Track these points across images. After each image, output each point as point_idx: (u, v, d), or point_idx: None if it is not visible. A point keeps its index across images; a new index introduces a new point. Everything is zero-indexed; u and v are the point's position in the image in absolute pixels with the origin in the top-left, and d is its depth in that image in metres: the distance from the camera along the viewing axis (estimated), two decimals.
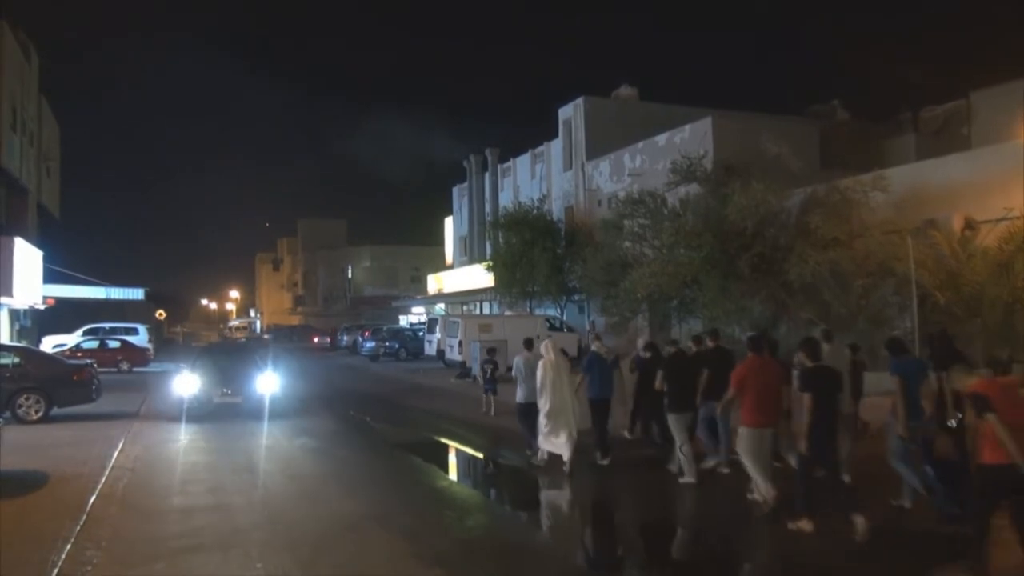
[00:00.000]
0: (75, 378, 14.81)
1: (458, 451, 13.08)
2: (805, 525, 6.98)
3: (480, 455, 12.70)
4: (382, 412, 17.31)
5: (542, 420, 10.21)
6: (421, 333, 33.82)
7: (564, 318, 30.08)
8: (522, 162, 38.84)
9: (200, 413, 14.86)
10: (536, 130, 68.55)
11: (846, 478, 8.29)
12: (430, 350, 29.88)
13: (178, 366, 17.01)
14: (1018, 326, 16.18)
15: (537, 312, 29.70)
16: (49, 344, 29.81)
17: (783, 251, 18.17)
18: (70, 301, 37.08)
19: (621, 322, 22.78)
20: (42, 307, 33.10)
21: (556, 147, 35.20)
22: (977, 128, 26.29)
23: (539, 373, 10.27)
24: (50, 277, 34.03)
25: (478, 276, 37.07)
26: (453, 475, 11.20)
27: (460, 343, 24.84)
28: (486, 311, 37.35)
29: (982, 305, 15.93)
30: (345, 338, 45.17)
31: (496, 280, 31.83)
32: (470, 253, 43.58)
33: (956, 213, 17.31)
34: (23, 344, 22.40)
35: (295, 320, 76.19)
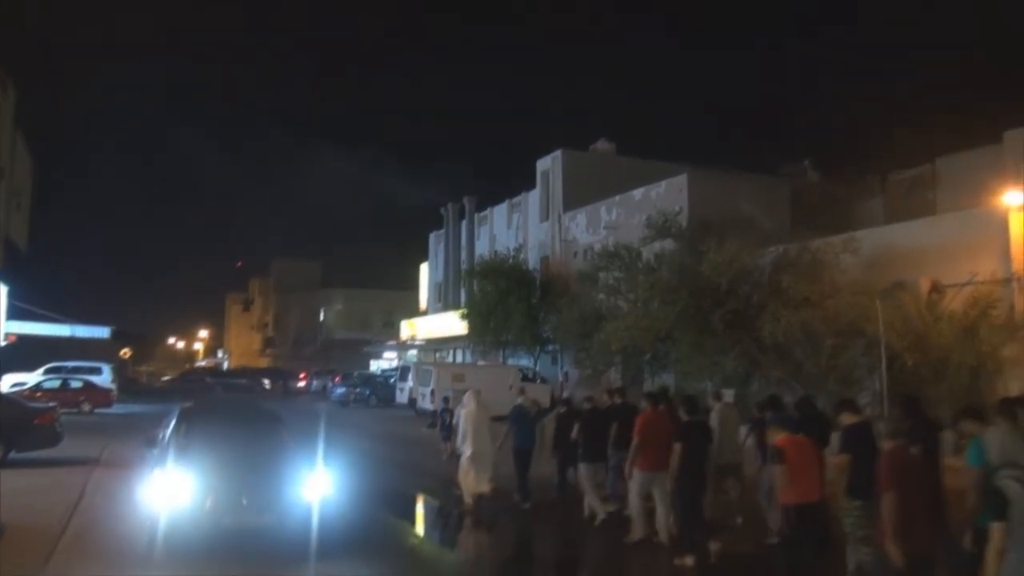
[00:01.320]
0: (36, 422, 14.38)
1: (409, 500, 13.18)
2: (688, 561, 7.97)
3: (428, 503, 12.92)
4: (348, 460, 17.00)
5: (463, 464, 11.10)
6: (392, 380, 33.52)
7: (537, 369, 30.05)
8: (499, 211, 39.17)
9: (197, 545, 7.94)
10: (514, 180, 69.37)
11: (738, 519, 9.88)
12: (401, 397, 29.62)
13: (149, 449, 10.10)
14: (983, 390, 16.49)
15: (510, 362, 29.65)
16: (8, 383, 29.03)
17: (756, 309, 18.44)
18: (33, 339, 36.24)
19: (594, 374, 22.84)
20: (2, 343, 32.36)
21: (533, 198, 35.60)
22: (943, 193, 27.06)
23: (460, 423, 11.31)
24: (13, 313, 33.31)
25: (452, 323, 37.01)
26: (396, 520, 11.54)
27: (432, 392, 24.66)
28: (459, 359, 37.22)
29: (948, 368, 16.24)
30: (315, 382, 44.60)
31: (470, 328, 31.81)
32: (445, 300, 43.56)
33: (923, 276, 17.75)
34: None
35: (264, 362, 75.08)
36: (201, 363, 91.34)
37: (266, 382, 47.47)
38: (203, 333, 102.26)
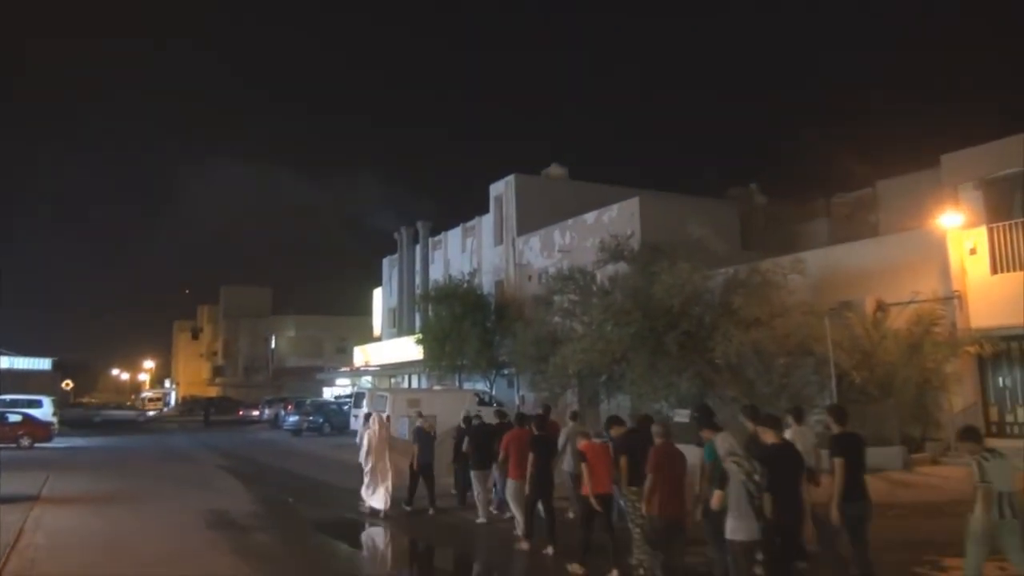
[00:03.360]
0: None
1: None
2: (577, 569, 8.62)
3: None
4: (304, 491, 16.67)
5: (366, 478, 13.06)
6: (346, 407, 32.98)
7: (493, 392, 29.91)
8: (453, 235, 39.12)
9: None
10: (467, 205, 69.49)
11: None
12: (356, 424, 29.11)
13: None
14: (929, 405, 16.95)
15: (467, 386, 29.46)
16: None
17: (708, 329, 18.63)
18: None
19: (551, 397, 22.77)
20: None
21: (487, 222, 35.65)
22: (884, 215, 27.90)
23: (364, 442, 13.30)
24: None
25: (407, 349, 36.65)
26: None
27: (388, 418, 24.27)
28: (415, 384, 36.84)
29: (895, 384, 16.65)
30: (267, 411, 43.66)
31: (425, 353, 31.53)
32: (399, 325, 43.18)
33: (868, 296, 18.22)
34: None
35: (213, 391, 73.30)
36: (147, 394, 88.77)
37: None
38: (149, 363, 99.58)
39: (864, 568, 7.19)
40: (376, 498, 12.97)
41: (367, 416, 17.54)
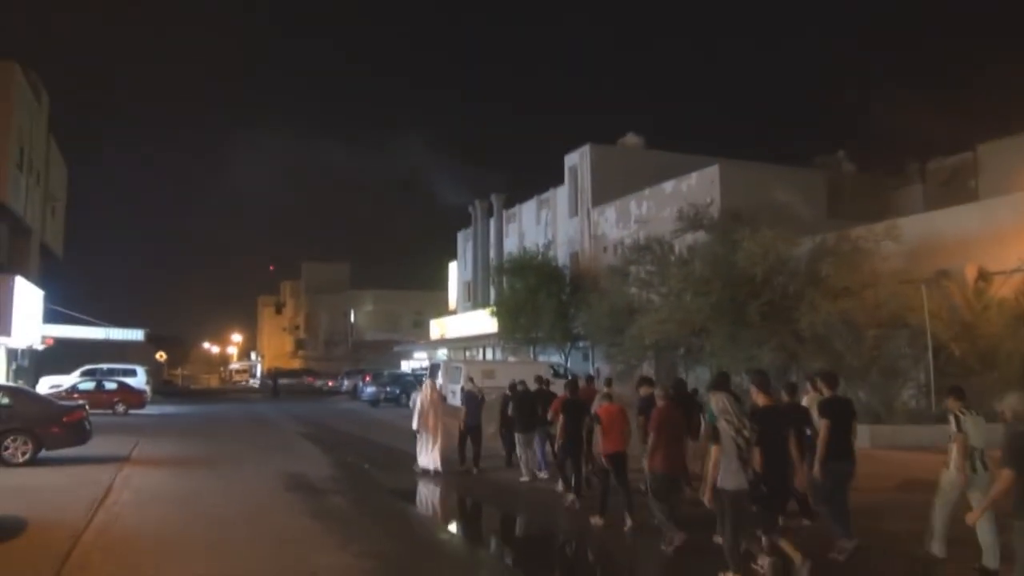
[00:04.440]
0: (65, 420, 14.34)
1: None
2: (598, 520, 9.25)
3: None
4: (379, 458, 16.82)
5: (419, 441, 13.68)
6: (422, 378, 33.30)
7: (568, 365, 29.65)
8: (528, 208, 38.85)
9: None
10: (542, 177, 68.99)
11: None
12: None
13: None
14: None
15: (541, 359, 29.28)
16: (46, 385, 29.35)
17: (793, 300, 17.88)
18: (69, 341, 36.72)
19: (627, 370, 22.35)
20: (40, 347, 32.76)
21: (562, 194, 35.22)
22: (984, 180, 26.22)
23: (416, 406, 13.78)
24: (50, 317, 33.76)
25: (482, 322, 36.75)
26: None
27: (463, 389, 24.34)
28: (489, 357, 36.92)
29: (998, 358, 15.58)
30: (346, 382, 44.64)
31: (500, 326, 31.51)
32: (474, 299, 43.34)
33: (969, 264, 17.08)
34: (11, 384, 21.96)
35: (296, 364, 75.60)
36: (234, 366, 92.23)
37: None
38: (236, 337, 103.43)
39: (842, 527, 7.60)
40: (427, 458, 13.54)
41: (421, 382, 18.26)
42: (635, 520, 8.95)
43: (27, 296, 26.85)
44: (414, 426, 13.81)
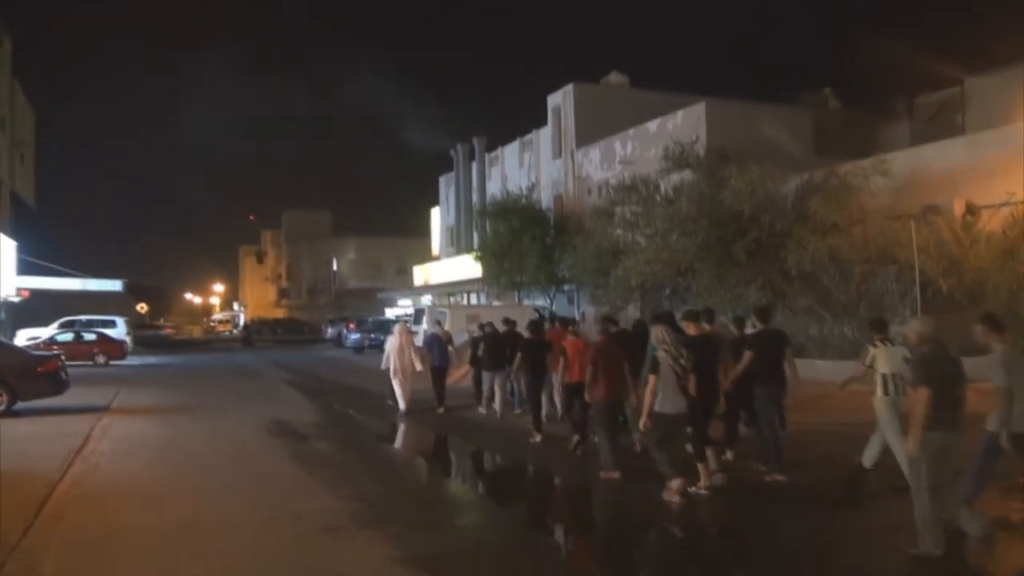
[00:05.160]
0: (40, 370, 14.04)
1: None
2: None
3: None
4: (363, 403, 16.68)
5: (392, 380, 14.17)
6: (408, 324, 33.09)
7: (553, 308, 29.48)
8: (510, 150, 38.18)
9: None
10: (524, 118, 67.83)
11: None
12: (416, 340, 29.17)
13: None
14: (1023, 313, 15.78)
15: (526, 302, 29.08)
16: (23, 337, 28.90)
17: (780, 237, 17.68)
18: (47, 293, 36.09)
19: (613, 311, 22.18)
20: (16, 299, 32.14)
21: (545, 135, 34.56)
22: (972, 115, 25.92)
23: (387, 347, 14.35)
24: (24, 268, 33.09)
25: (466, 267, 36.40)
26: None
27: (426, 332, 24.16)
28: (474, 302, 36.70)
29: (985, 292, 15.51)
30: (330, 330, 44.43)
31: (484, 270, 31.20)
32: (457, 244, 42.89)
33: (957, 198, 16.89)
34: None
35: (279, 313, 75.14)
36: (217, 316, 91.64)
37: None
38: (218, 287, 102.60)
39: (775, 450, 8.20)
40: (398, 398, 14.13)
41: (394, 326, 18.55)
42: (584, 446, 9.77)
43: None
44: (382, 366, 14.38)
